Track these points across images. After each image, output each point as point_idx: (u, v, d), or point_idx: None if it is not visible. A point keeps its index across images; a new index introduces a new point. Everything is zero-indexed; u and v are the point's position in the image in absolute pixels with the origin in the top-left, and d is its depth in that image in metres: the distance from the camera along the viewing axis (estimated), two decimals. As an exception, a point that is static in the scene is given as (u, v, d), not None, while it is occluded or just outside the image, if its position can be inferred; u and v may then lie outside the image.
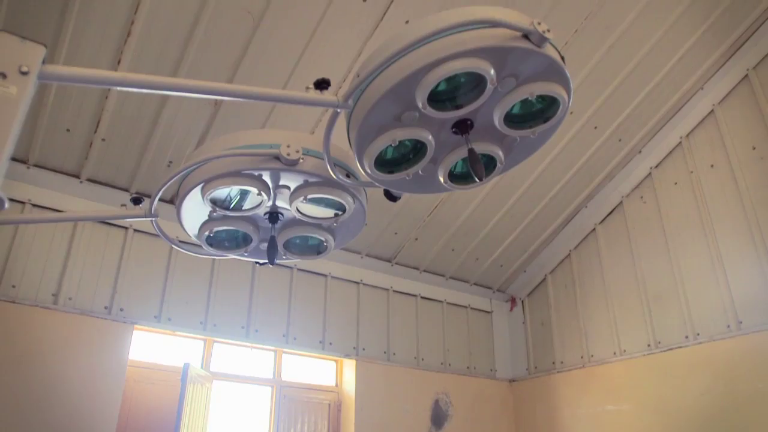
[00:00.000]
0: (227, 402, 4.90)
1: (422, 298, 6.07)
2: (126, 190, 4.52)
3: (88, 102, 3.94)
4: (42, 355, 3.88)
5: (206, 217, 1.98)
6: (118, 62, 3.69)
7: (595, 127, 5.14)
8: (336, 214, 1.94)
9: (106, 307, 4.27)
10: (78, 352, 4.03)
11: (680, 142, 5.30)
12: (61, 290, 4.10)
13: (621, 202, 5.71)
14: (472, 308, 6.44)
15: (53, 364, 3.90)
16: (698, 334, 4.86)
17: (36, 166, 4.21)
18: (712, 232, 4.93)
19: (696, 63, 4.97)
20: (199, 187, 1.84)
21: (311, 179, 1.80)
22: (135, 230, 4.55)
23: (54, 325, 3.99)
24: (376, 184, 1.75)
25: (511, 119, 1.55)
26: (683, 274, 5.07)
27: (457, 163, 1.73)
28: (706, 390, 4.68)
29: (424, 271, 6.07)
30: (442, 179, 1.72)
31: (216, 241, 2.06)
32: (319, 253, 2.12)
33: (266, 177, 1.81)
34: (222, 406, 4.83)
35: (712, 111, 5.10)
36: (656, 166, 5.48)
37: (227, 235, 2.07)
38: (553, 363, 6.01)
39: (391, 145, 1.56)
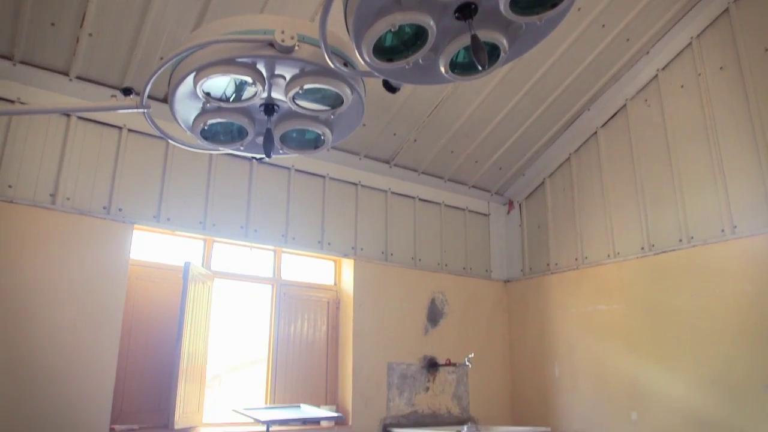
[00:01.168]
0: (228, 300, 5.03)
1: (420, 200, 6.09)
2: (117, 88, 4.39)
3: (70, -8, 3.75)
4: (43, 255, 3.93)
5: (200, 110, 1.93)
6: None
7: (603, 26, 4.94)
8: (333, 107, 1.88)
9: (104, 207, 4.28)
10: (79, 251, 4.08)
11: (690, 43, 5.12)
12: (58, 190, 4.09)
13: (625, 105, 5.61)
14: (469, 211, 6.48)
15: (55, 264, 3.96)
16: (692, 238, 4.92)
17: (23, 63, 4.06)
18: (715, 136, 4.88)
19: (713, -45, 4.71)
20: (191, 79, 1.78)
21: (307, 68, 1.73)
22: (129, 130, 4.47)
23: (53, 226, 4.01)
24: (375, 73, 1.69)
25: (516, 4, 1.47)
26: (682, 179, 5.07)
27: (459, 53, 1.66)
28: (696, 291, 4.81)
29: (423, 173, 6.05)
30: (443, 69, 1.65)
31: (211, 135, 2.02)
32: (316, 147, 2.08)
33: (261, 66, 1.74)
34: (223, 304, 4.97)
35: (726, 10, 4.89)
36: (663, 68, 5.32)
37: (222, 128, 2.02)
38: (548, 265, 6.14)
39: (390, 31, 1.49)
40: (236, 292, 5.10)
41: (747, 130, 4.68)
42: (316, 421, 4.91)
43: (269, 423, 3.99)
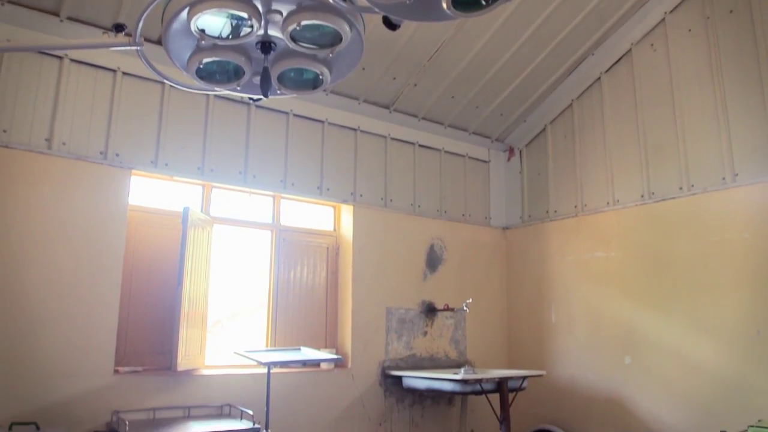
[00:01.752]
0: (228, 246, 5.05)
1: (420, 146, 6.04)
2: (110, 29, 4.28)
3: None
4: (41, 200, 3.92)
5: (195, 48, 1.88)
6: None
7: (611, -35, 4.79)
8: (332, 45, 1.83)
9: (101, 153, 4.24)
10: (77, 197, 4.06)
11: (700, -17, 4.98)
12: (53, 135, 4.04)
13: (630, 50, 5.48)
14: (469, 157, 6.44)
15: (53, 210, 3.95)
16: (692, 186, 4.91)
17: (10, 2, 3.94)
18: (720, 82, 4.79)
19: None
20: (185, 15, 1.72)
21: (305, 2, 1.67)
22: (124, 73, 4.39)
23: (50, 171, 3.98)
24: (375, 9, 1.63)
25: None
26: (685, 126, 5.01)
27: (462, -13, 1.60)
28: (693, 239, 4.83)
29: (423, 118, 5.97)
30: (444, 5, 1.59)
31: (206, 75, 1.97)
32: (315, 87, 2.03)
33: (256, 1, 1.68)
34: (223, 250, 4.99)
35: (740, -53, 4.72)
36: (671, 11, 5.18)
37: (218, 67, 1.97)
38: (547, 212, 6.14)
39: (391, -38, 1.43)
40: (236, 238, 5.11)
41: (754, 76, 4.59)
42: (316, 363, 5.01)
43: (270, 364, 4.06)
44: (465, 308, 5.52)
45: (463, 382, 4.60)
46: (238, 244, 5.14)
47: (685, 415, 4.71)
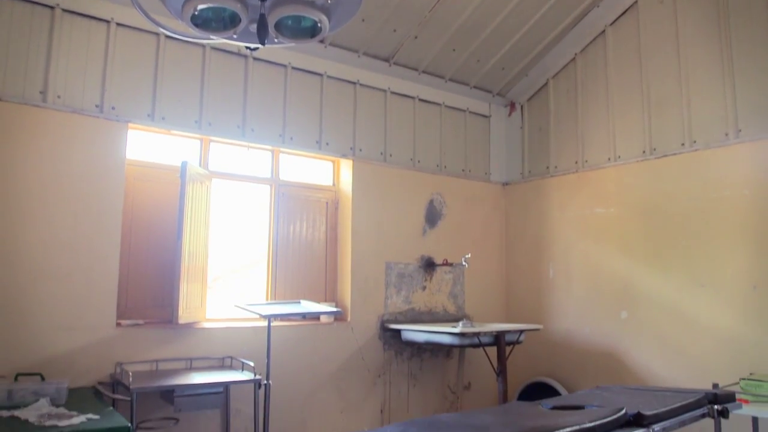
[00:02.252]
0: (227, 201, 5.04)
1: (420, 100, 5.95)
2: (103, -24, 4.17)
3: None
4: (37, 153, 3.88)
5: (189, -6, 1.82)
6: None
7: None
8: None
9: (97, 106, 4.17)
10: (73, 150, 4.02)
11: (711, -69, 4.81)
12: (48, 88, 3.97)
13: (636, 2, 5.34)
14: (470, 112, 6.36)
15: (50, 163, 3.92)
16: (695, 142, 4.86)
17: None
18: (727, 36, 4.69)
19: None
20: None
21: (302, -55, 1.61)
22: (118, 24, 4.28)
23: (45, 124, 3.93)
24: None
25: None
26: (690, 80, 4.93)
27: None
28: (693, 195, 4.82)
29: (423, 72, 5.87)
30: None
31: (202, 22, 1.91)
32: (313, 36, 1.98)
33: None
34: (222, 206, 4.98)
35: None
36: (680, -40, 5.04)
37: (214, 14, 1.91)
38: (547, 168, 6.11)
39: None
40: (235, 193, 5.09)
41: (761, 31, 4.49)
42: (316, 316, 5.07)
43: (270, 317, 4.10)
44: (464, 263, 5.55)
45: (461, 335, 4.66)
46: (237, 199, 5.12)
47: (678, 368, 4.79)
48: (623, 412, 2.50)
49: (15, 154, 3.81)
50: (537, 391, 5.60)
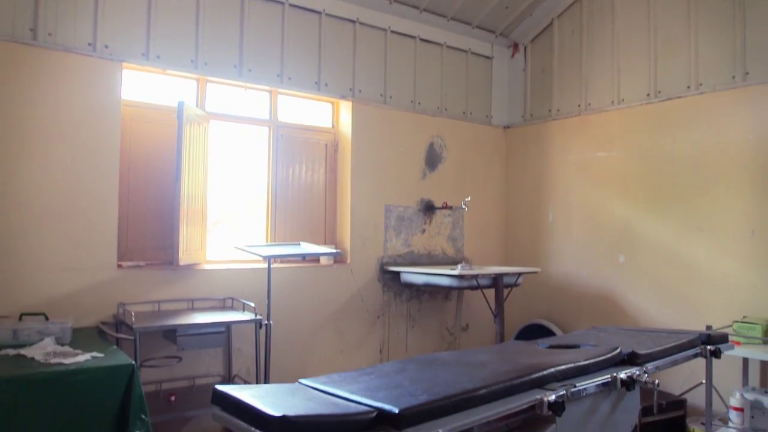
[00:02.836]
0: (225, 144, 4.98)
1: (421, 40, 5.80)
2: None
3: None
4: (31, 94, 3.80)
5: None
6: None
7: None
8: None
9: (89, 44, 4.07)
10: (67, 90, 3.93)
11: None
12: (38, 25, 3.85)
13: (645, -63, 5.15)
14: (472, 53, 6.22)
15: (43, 103, 3.84)
16: (701, 85, 4.78)
17: None
18: (741, -27, 4.54)
19: None
20: None
21: None
22: (107, -44, 4.13)
23: (37, 63, 3.83)
24: None
25: None
26: (698, 21, 4.80)
27: None
28: (696, 139, 4.77)
29: (425, 10, 5.69)
30: None
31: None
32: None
33: None
34: (220, 148, 4.93)
35: None
36: None
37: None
38: (550, 111, 6.02)
39: None
40: (233, 135, 5.03)
41: (776, -33, 4.35)
42: (315, 258, 5.10)
43: (270, 257, 4.12)
44: (463, 206, 5.55)
45: (460, 277, 4.71)
46: (236, 141, 5.06)
47: (672, 311, 4.87)
48: (618, 350, 2.54)
49: (8, 93, 3.73)
50: (534, 332, 5.70)
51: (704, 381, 3.54)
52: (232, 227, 5.13)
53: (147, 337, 4.08)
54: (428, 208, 5.78)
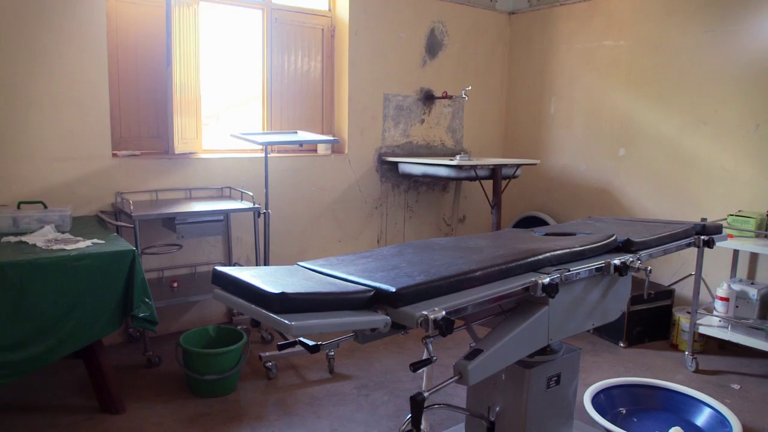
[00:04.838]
0: (217, 30, 4.76)
1: None
2: None
3: None
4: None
5: None
6: None
7: None
8: None
9: None
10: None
11: None
12: None
13: None
14: (477, -70, 5.82)
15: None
16: (719, -34, 4.50)
17: None
18: None
19: None
20: None
21: None
22: None
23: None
24: None
25: None
26: None
27: None
28: (708, 28, 4.55)
29: None
30: None
31: None
32: None
33: None
34: (212, 35, 4.71)
35: None
36: None
37: None
38: (557, -5, 5.73)
39: None
40: (225, 20, 4.79)
41: None
42: (313, 146, 5.05)
43: (266, 144, 4.07)
44: (464, 96, 5.42)
45: (458, 167, 4.68)
46: (228, 28, 4.83)
47: (669, 203, 4.89)
48: (614, 237, 2.56)
49: (-17, -31, 3.51)
50: (530, 224, 5.76)
51: (694, 272, 3.62)
52: (228, 119, 5.02)
53: (146, 226, 4.12)
54: (428, 98, 5.65)
